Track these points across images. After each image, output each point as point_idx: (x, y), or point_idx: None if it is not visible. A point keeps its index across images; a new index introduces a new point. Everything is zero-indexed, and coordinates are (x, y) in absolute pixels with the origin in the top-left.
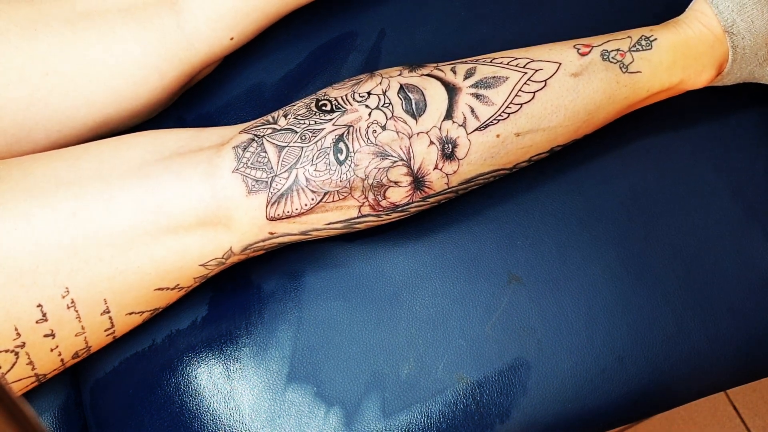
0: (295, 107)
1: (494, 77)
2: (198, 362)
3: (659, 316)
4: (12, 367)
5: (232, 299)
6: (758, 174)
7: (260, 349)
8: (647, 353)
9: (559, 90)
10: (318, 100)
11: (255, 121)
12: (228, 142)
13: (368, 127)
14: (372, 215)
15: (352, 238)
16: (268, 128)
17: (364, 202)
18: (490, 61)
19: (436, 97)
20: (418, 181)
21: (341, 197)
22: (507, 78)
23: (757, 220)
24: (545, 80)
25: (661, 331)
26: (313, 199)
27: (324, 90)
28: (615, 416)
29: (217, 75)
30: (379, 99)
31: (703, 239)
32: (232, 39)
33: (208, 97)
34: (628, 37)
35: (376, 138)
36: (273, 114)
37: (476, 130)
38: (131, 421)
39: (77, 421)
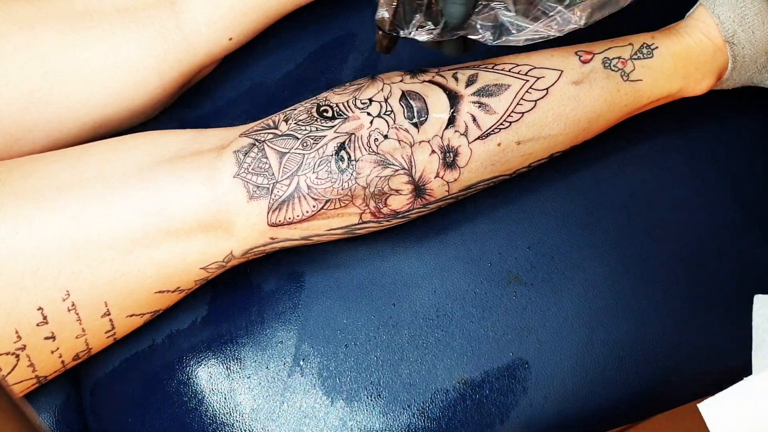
0: (295, 112)
1: (496, 85)
2: (198, 362)
3: (659, 316)
4: (13, 369)
5: (232, 299)
6: (758, 174)
7: (260, 349)
8: (647, 353)
9: (561, 98)
10: (319, 106)
11: (255, 124)
12: (228, 145)
13: (370, 135)
14: (373, 221)
15: (352, 239)
16: (269, 133)
17: (365, 210)
18: (492, 68)
19: (437, 105)
20: (419, 189)
21: (342, 205)
22: (509, 86)
23: (757, 220)
24: (547, 88)
25: (661, 331)
26: (314, 207)
27: (325, 94)
28: (615, 416)
29: (216, 75)
30: (381, 106)
31: (703, 239)
32: (231, 39)
33: (208, 97)
34: (630, 44)
35: (377, 146)
36: (273, 118)
37: (478, 138)
38: (131, 421)
39: (77, 421)
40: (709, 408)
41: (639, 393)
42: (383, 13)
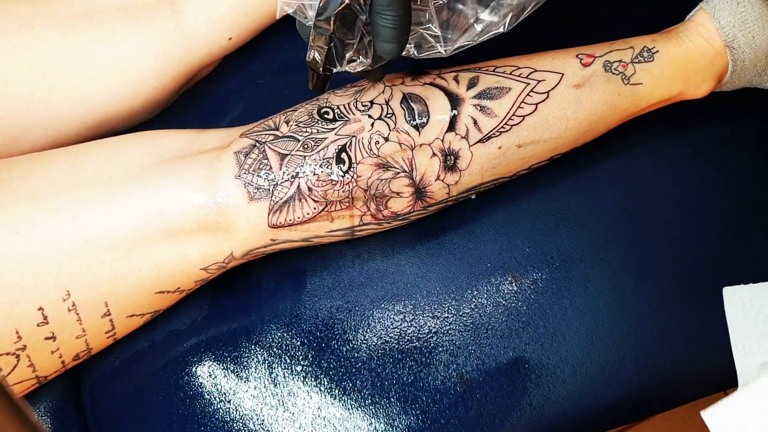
0: (296, 113)
1: (497, 88)
2: (198, 362)
3: (659, 316)
4: (13, 370)
5: (232, 299)
6: (758, 174)
7: (260, 349)
8: (647, 353)
9: (562, 101)
10: (320, 108)
11: (255, 124)
12: (229, 146)
13: (371, 138)
14: (373, 223)
15: (352, 239)
16: (269, 134)
17: (365, 212)
18: (493, 70)
19: (439, 107)
20: (419, 192)
21: (343, 207)
22: (510, 89)
23: (757, 220)
24: (548, 91)
25: (661, 331)
26: (315, 209)
27: (326, 96)
28: (615, 416)
29: (216, 75)
30: (382, 109)
31: (703, 239)
32: (231, 39)
33: (207, 97)
34: (630, 47)
35: (378, 149)
36: (274, 119)
37: (478, 142)
38: (131, 421)
39: (77, 421)
40: (711, 416)
41: (639, 393)
42: (314, 54)
